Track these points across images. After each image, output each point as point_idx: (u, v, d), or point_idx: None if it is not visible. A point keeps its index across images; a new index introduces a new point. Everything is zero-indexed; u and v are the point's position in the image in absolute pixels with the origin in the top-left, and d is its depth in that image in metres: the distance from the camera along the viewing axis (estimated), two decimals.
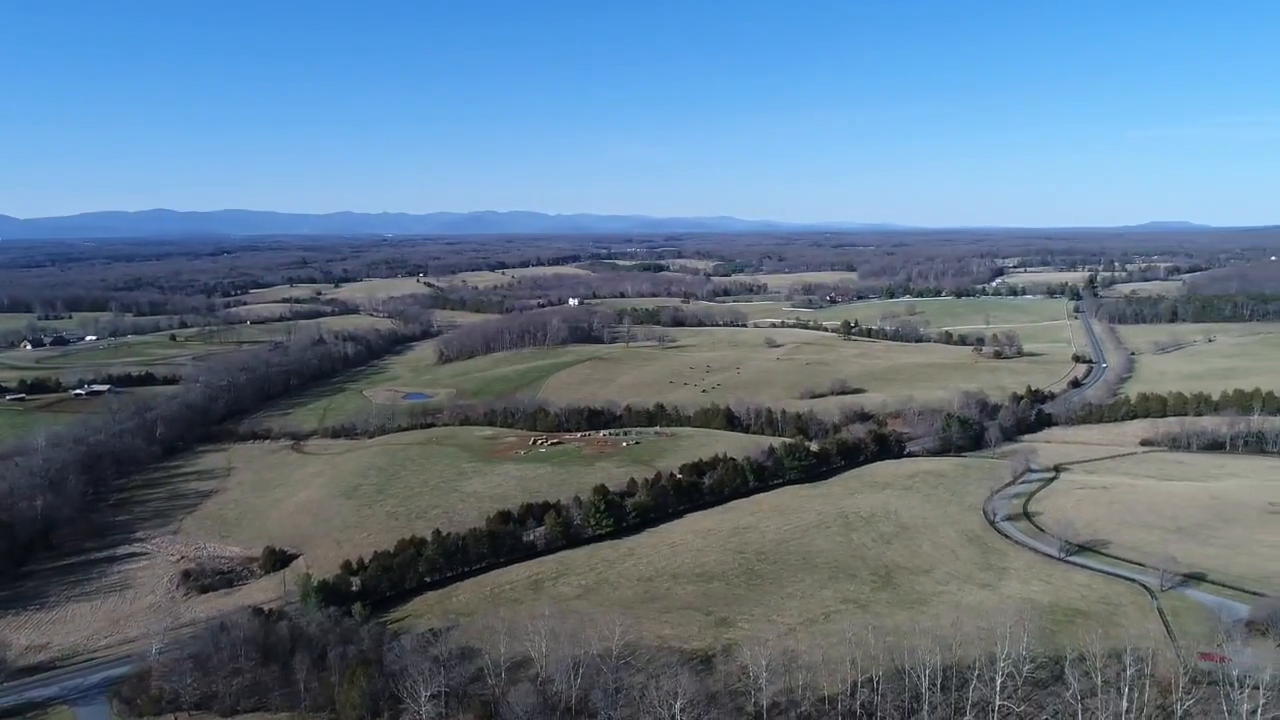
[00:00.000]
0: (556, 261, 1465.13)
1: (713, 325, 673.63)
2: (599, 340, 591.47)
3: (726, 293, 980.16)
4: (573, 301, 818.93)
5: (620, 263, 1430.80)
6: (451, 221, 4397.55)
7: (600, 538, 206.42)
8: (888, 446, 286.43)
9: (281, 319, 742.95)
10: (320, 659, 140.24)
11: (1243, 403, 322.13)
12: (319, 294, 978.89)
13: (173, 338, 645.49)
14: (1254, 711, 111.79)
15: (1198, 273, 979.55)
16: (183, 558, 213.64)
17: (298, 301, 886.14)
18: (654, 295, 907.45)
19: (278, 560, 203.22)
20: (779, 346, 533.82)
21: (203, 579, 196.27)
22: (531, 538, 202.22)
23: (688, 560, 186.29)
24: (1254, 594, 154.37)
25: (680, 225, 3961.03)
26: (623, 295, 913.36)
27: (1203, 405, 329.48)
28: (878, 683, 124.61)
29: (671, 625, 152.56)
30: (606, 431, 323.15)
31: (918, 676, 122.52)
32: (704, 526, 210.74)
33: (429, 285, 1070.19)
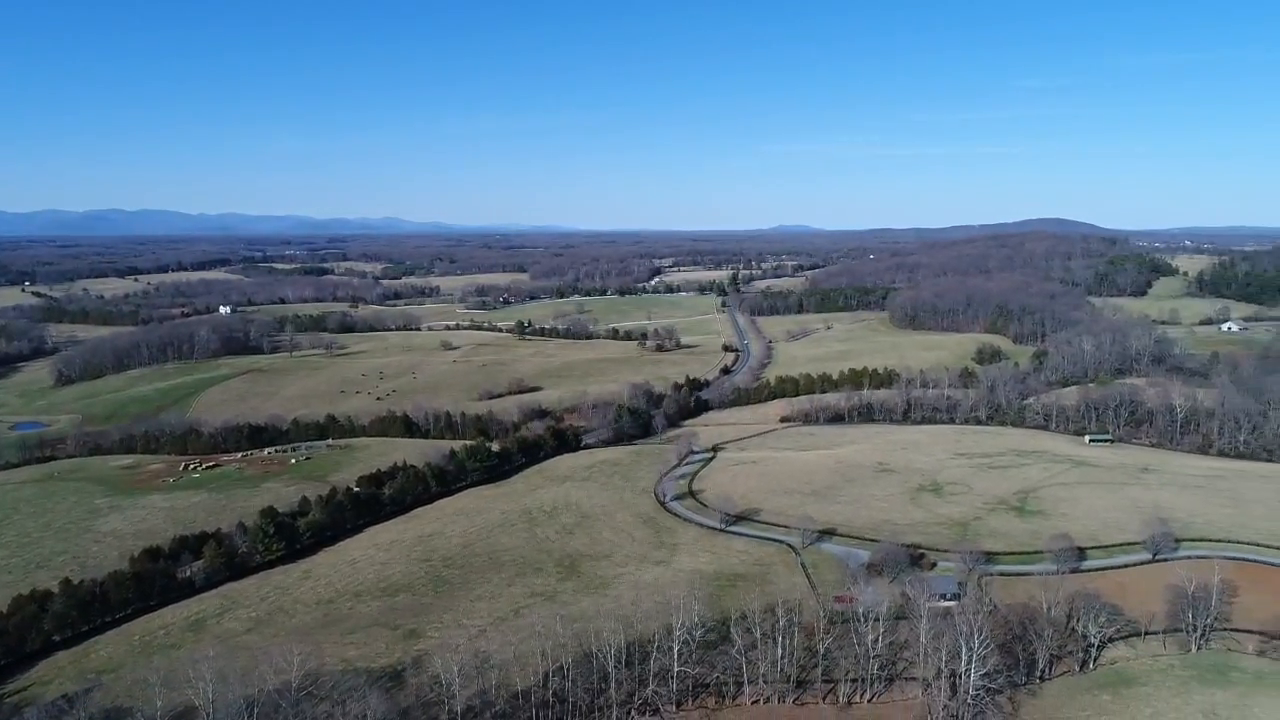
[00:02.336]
0: (203, 265, 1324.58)
1: (385, 330, 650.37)
2: (258, 350, 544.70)
3: (398, 296, 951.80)
4: (224, 309, 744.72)
5: (279, 266, 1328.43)
6: (65, 221, 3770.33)
7: (271, 564, 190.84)
8: (566, 441, 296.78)
9: None
10: None
11: (855, 380, 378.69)
12: None
13: None
14: (876, 640, 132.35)
15: (817, 270, 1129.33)
16: None
17: None
18: (319, 300, 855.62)
19: None
20: (455, 349, 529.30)
21: None
22: (189, 573, 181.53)
23: (371, 575, 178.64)
24: (872, 540, 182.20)
25: (344, 226, 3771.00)
26: (283, 301, 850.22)
27: (826, 384, 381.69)
28: (568, 669, 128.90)
29: (357, 646, 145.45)
30: (272, 449, 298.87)
31: (604, 657, 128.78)
32: (387, 539, 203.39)
33: (39, 295, 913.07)
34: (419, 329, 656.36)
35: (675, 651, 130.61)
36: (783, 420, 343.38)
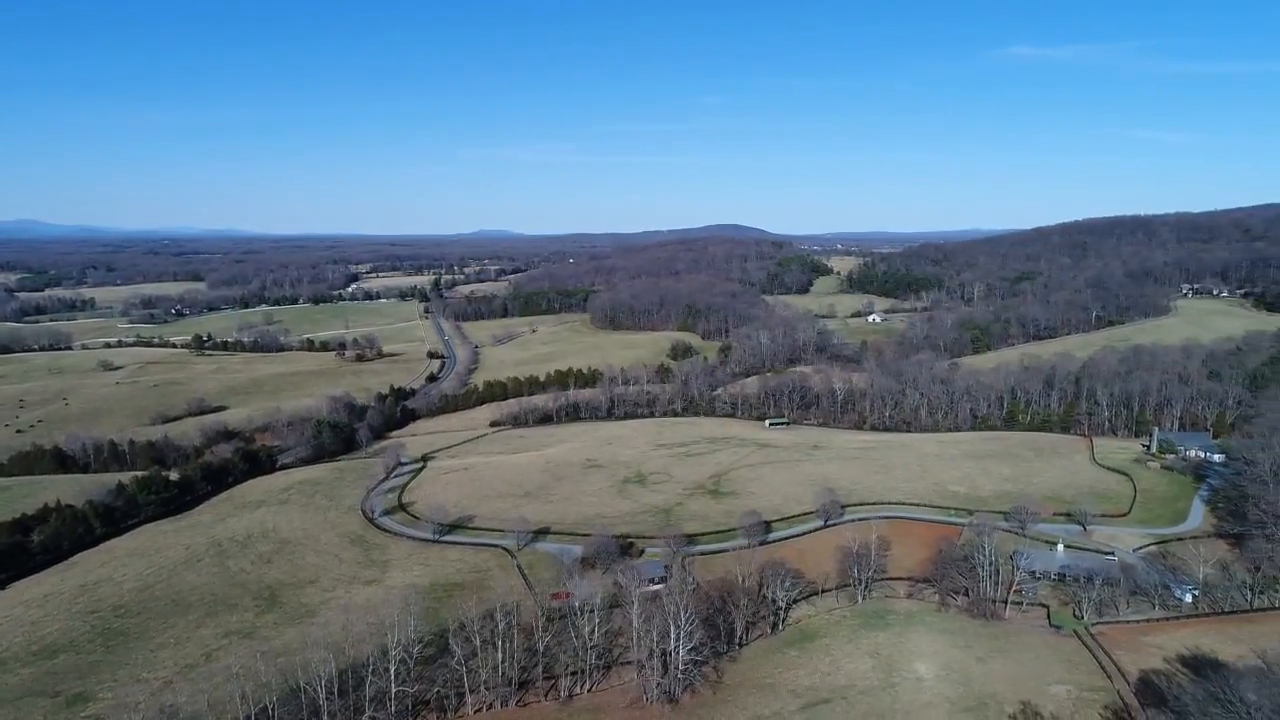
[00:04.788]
0: None
1: (25, 351, 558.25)
2: None
3: (41, 310, 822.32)
4: None
5: None
6: None
7: None
8: (259, 462, 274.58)
9: None
10: None
11: (562, 381, 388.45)
12: None
13: None
14: (592, 631, 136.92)
15: (520, 274, 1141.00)
16: None
17: None
18: None
19: None
20: (118, 369, 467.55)
21: None
22: None
23: (19, 639, 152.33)
24: (584, 535, 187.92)
25: None
26: None
27: (534, 386, 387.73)
28: (273, 709, 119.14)
29: None
30: None
31: (314, 689, 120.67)
32: (39, 593, 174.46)
33: None
34: (70, 348, 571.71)
35: (392, 672, 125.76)
36: (493, 425, 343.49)
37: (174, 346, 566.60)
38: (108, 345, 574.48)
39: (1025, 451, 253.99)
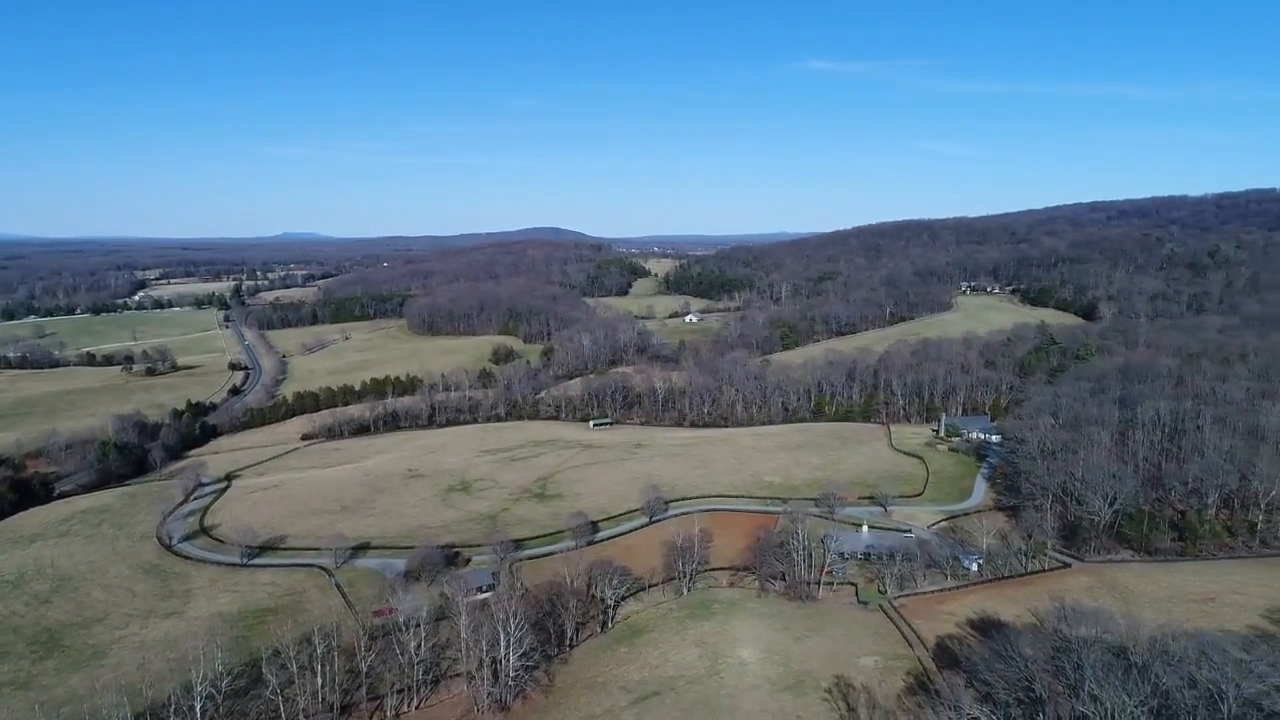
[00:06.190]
0: None
1: None
2: None
3: None
4: None
5: None
6: None
7: None
8: (31, 492, 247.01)
9: None
10: None
11: (379, 389, 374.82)
12: None
13: None
14: (419, 646, 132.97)
15: (330, 278, 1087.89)
16: None
17: None
18: None
19: None
20: None
21: None
22: None
23: None
24: (408, 548, 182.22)
25: None
26: None
27: (349, 396, 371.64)
28: None
29: None
30: None
31: None
32: None
33: None
34: None
35: (198, 709, 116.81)
36: (305, 438, 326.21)
37: None
38: None
39: (832, 441, 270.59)
